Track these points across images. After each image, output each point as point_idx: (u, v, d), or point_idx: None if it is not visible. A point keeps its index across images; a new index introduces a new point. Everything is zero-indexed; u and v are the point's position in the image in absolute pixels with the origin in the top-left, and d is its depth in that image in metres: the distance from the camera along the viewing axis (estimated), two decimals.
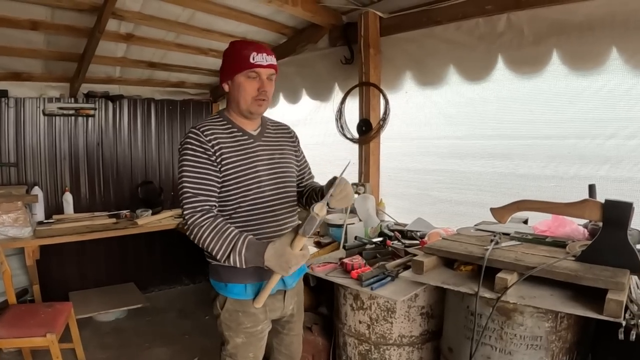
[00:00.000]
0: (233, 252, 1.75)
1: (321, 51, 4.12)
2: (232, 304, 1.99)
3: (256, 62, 1.89)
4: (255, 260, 1.75)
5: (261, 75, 1.93)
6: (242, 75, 1.91)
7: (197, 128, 1.90)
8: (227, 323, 2.01)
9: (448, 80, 3.22)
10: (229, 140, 1.93)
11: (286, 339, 2.26)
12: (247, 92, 1.92)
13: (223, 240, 1.77)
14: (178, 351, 3.85)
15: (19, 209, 3.82)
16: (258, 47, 1.93)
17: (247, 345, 2.03)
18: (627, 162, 2.51)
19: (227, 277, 1.97)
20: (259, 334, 2.05)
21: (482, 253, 2.00)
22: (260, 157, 1.99)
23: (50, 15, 3.39)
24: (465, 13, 3.01)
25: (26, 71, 4.27)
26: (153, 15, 3.59)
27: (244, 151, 1.95)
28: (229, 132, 1.96)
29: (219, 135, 1.91)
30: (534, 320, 1.91)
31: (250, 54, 1.89)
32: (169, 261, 5.44)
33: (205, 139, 1.86)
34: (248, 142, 1.99)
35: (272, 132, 2.13)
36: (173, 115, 5.48)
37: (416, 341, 2.53)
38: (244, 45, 1.96)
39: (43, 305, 3.33)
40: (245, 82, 1.92)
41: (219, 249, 1.77)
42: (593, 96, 2.60)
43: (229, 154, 1.90)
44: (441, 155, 3.39)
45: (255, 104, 1.94)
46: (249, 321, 2.00)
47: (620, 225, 1.82)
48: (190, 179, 1.84)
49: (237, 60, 1.92)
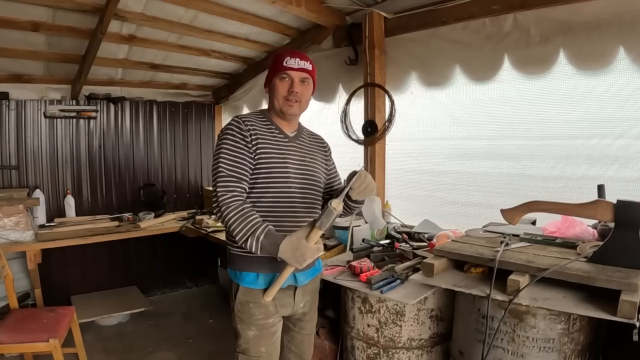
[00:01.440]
0: (252, 236, 1.83)
1: (325, 52, 4.10)
2: (244, 294, 2.05)
3: (288, 65, 2.04)
4: (271, 249, 1.83)
5: (292, 77, 2.06)
6: (277, 77, 2.07)
7: (239, 117, 2.05)
8: (240, 315, 2.07)
9: (454, 81, 3.20)
10: (267, 134, 2.06)
11: (297, 337, 2.29)
12: (279, 92, 2.07)
13: (245, 223, 1.85)
14: (183, 355, 3.82)
15: (21, 212, 3.80)
16: (292, 52, 2.09)
17: (259, 339, 2.06)
18: (635, 162, 2.50)
19: (241, 266, 2.05)
20: (270, 327, 2.08)
21: (492, 255, 1.98)
22: (292, 156, 2.10)
23: (52, 16, 3.37)
24: (472, 13, 3.00)
25: (27, 73, 4.26)
26: (155, 16, 3.57)
27: (278, 146, 2.07)
28: (267, 128, 2.09)
29: (257, 128, 2.04)
30: (547, 323, 1.89)
31: (284, 58, 2.05)
32: (172, 264, 5.43)
33: (245, 127, 1.99)
34: (283, 140, 2.11)
35: (307, 139, 2.26)
36: (175, 117, 5.46)
37: (425, 344, 2.50)
38: (284, 52, 2.10)
39: (45, 310, 3.31)
40: (278, 83, 2.07)
41: (240, 230, 1.85)
42: (601, 96, 2.58)
43: (264, 145, 2.01)
44: (447, 156, 3.38)
45: (286, 103, 2.06)
46: (260, 312, 2.04)
47: (632, 225, 1.80)
48: (227, 160, 1.94)
49: (273, 66, 2.10)
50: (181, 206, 5.42)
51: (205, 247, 5.12)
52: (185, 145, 5.58)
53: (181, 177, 5.56)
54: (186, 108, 5.53)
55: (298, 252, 1.80)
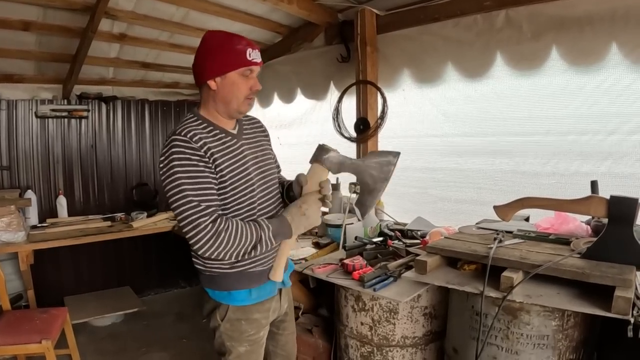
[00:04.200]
0: (263, 233, 1.77)
1: (317, 50, 4.08)
2: (235, 312, 1.89)
3: (253, 60, 1.78)
4: (282, 229, 1.82)
5: (254, 74, 1.84)
6: (237, 72, 1.78)
7: (182, 134, 1.72)
8: (229, 333, 1.91)
9: (446, 78, 3.19)
10: (216, 144, 1.79)
11: (281, 340, 2.20)
12: (241, 91, 1.80)
13: (248, 230, 1.75)
14: (176, 356, 3.81)
15: (12, 213, 3.76)
16: (250, 43, 1.81)
17: (250, 354, 1.96)
18: (629, 158, 2.50)
19: (229, 285, 1.88)
20: (261, 340, 2.00)
21: (486, 252, 1.98)
22: (248, 158, 1.88)
23: (42, 15, 3.34)
24: (464, 9, 2.99)
25: (18, 73, 4.22)
26: (146, 15, 3.54)
27: (232, 154, 1.83)
28: (213, 136, 1.81)
29: (206, 140, 1.75)
30: (541, 319, 1.88)
31: (245, 49, 1.77)
32: (165, 264, 5.40)
33: (196, 145, 1.71)
34: (232, 142, 1.86)
35: (249, 129, 2.02)
36: (167, 116, 5.43)
37: (419, 342, 2.49)
38: (235, 38, 1.80)
39: (38, 311, 3.29)
40: (239, 80, 1.79)
41: (250, 239, 1.74)
42: (593, 92, 2.58)
43: (221, 158, 1.77)
44: (440, 153, 3.38)
45: (246, 103, 1.85)
46: (252, 328, 1.93)
47: (626, 221, 1.80)
48: (192, 187, 1.68)
49: (231, 56, 1.77)
50: None
51: None
52: None
53: None
54: (178, 107, 5.50)
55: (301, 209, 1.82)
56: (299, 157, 4.43)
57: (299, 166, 4.38)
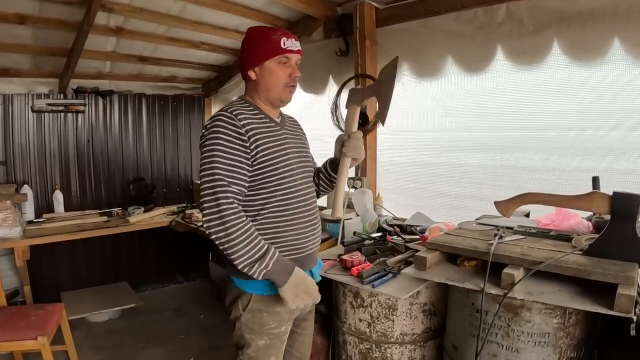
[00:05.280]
0: (263, 259, 1.72)
1: (316, 43, 4.05)
2: (257, 303, 1.87)
3: (288, 48, 1.85)
4: (276, 276, 1.76)
5: (292, 61, 1.89)
6: (274, 61, 1.86)
7: (229, 111, 1.80)
8: (250, 325, 1.89)
9: (446, 72, 3.16)
10: (261, 126, 1.85)
11: (299, 340, 2.16)
12: (280, 78, 1.87)
13: (254, 245, 1.72)
14: (174, 352, 3.79)
15: (8, 208, 3.73)
16: (286, 33, 1.88)
17: (270, 348, 1.93)
18: (631, 154, 2.48)
19: None
20: (282, 335, 1.96)
21: (487, 248, 1.96)
22: (289, 145, 1.92)
23: (38, 9, 3.31)
24: (464, 3, 2.96)
25: (14, 67, 4.20)
26: (143, 8, 3.51)
27: (275, 138, 1.88)
28: (259, 118, 1.87)
29: (251, 121, 1.82)
30: (542, 317, 1.86)
31: (280, 39, 1.83)
32: (163, 259, 5.39)
33: (239, 123, 1.77)
34: (276, 129, 1.92)
35: (291, 125, 2.10)
36: (165, 110, 5.40)
37: (419, 339, 2.47)
38: (272, 30, 1.89)
39: (34, 307, 3.26)
40: (277, 68, 1.87)
41: (246, 252, 1.71)
42: (595, 87, 2.56)
43: (263, 140, 1.82)
44: (440, 148, 3.35)
45: (287, 91, 1.91)
46: (274, 321, 1.90)
47: (629, 218, 1.78)
48: (225, 165, 1.72)
49: (267, 46, 1.85)
50: (171, 201, 5.34)
51: (196, 241, 5.07)
52: (175, 139, 5.51)
53: (171, 171, 5.51)
54: (176, 101, 5.47)
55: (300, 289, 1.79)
56: None
57: None
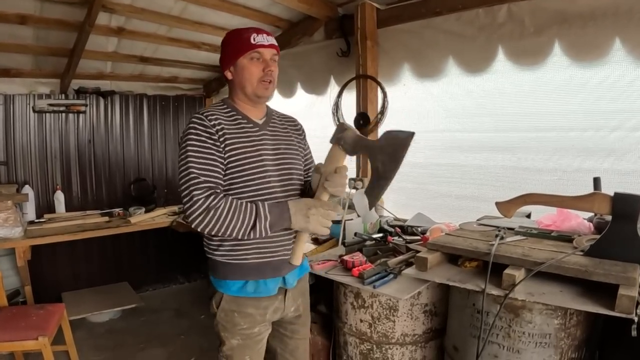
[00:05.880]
0: (258, 219, 1.72)
1: (317, 44, 4.05)
2: (228, 302, 1.89)
3: (258, 43, 1.84)
4: (281, 221, 1.75)
5: (264, 56, 1.87)
6: (245, 57, 1.86)
7: (200, 113, 1.83)
8: (223, 323, 1.92)
9: (447, 72, 3.17)
10: (233, 127, 1.86)
11: (291, 344, 2.12)
12: (253, 74, 1.86)
13: (243, 213, 1.72)
14: (174, 352, 3.79)
15: (9, 208, 3.73)
16: (257, 29, 1.88)
17: (244, 348, 1.93)
18: (631, 155, 2.48)
19: (225, 273, 1.89)
20: (255, 336, 1.95)
21: (488, 248, 1.96)
22: (265, 147, 1.90)
23: (39, 9, 3.31)
24: (465, 4, 2.96)
25: (15, 67, 4.20)
26: (144, 8, 3.50)
27: (249, 138, 1.87)
28: (233, 120, 1.88)
29: (222, 121, 1.83)
30: (543, 318, 1.86)
31: (250, 35, 1.84)
32: (163, 259, 5.38)
33: (209, 123, 1.79)
34: (253, 130, 1.91)
35: (278, 123, 2.06)
36: (166, 111, 5.40)
37: (419, 340, 2.47)
38: (243, 29, 1.90)
39: (35, 307, 3.26)
40: (249, 64, 1.86)
41: (241, 223, 1.71)
42: (596, 88, 2.56)
43: (233, 139, 1.82)
44: (441, 148, 3.35)
45: (262, 86, 1.88)
46: (245, 322, 1.91)
47: (629, 218, 1.79)
48: (197, 161, 1.75)
49: (237, 44, 1.87)
50: (172, 201, 5.31)
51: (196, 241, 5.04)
52: (177, 139, 5.49)
53: (172, 171, 5.48)
54: (177, 101, 5.47)
55: (310, 211, 1.74)
56: None
57: None
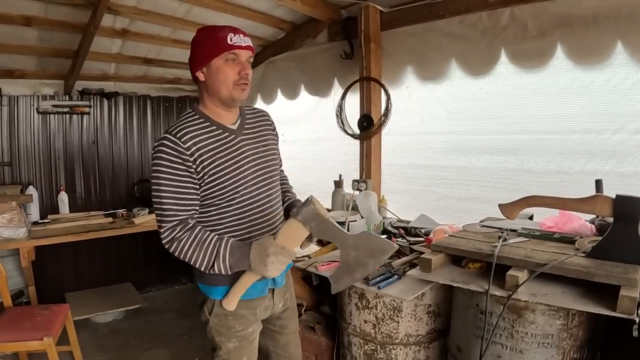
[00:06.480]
0: (217, 260, 1.69)
1: (320, 46, 4.07)
2: (221, 307, 1.85)
3: (235, 44, 1.73)
4: (240, 264, 1.69)
5: (240, 58, 1.77)
6: (220, 58, 1.73)
7: (172, 134, 1.71)
8: (217, 328, 1.90)
9: (450, 75, 3.18)
10: (209, 141, 1.76)
11: (281, 339, 2.13)
12: (228, 76, 1.74)
13: (204, 251, 1.69)
14: (177, 352, 3.81)
15: (14, 209, 3.75)
16: (234, 29, 1.76)
17: (240, 350, 1.94)
18: (633, 157, 2.49)
19: (213, 280, 1.85)
20: (250, 336, 1.96)
21: (491, 250, 1.98)
22: (245, 155, 1.83)
23: (44, 10, 3.33)
24: (469, 7, 2.98)
25: (19, 68, 4.20)
26: (149, 10, 3.53)
27: (227, 151, 1.78)
28: (208, 132, 1.77)
29: (198, 139, 1.73)
30: (546, 318, 1.88)
31: (226, 35, 1.72)
32: (167, 260, 5.30)
33: (183, 146, 1.69)
34: (229, 139, 1.81)
35: (252, 122, 1.96)
36: (169, 112, 5.41)
37: (423, 340, 2.49)
38: (217, 27, 1.77)
39: (39, 308, 3.28)
40: (225, 66, 1.74)
41: (201, 260, 1.70)
42: (599, 90, 2.57)
43: (211, 158, 1.74)
44: (444, 150, 3.36)
45: (238, 88, 1.77)
46: (240, 324, 1.90)
47: (631, 220, 1.82)
48: (168, 190, 1.69)
49: (212, 43, 1.73)
50: None
51: None
52: None
53: None
54: (180, 103, 5.49)
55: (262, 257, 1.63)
56: (301, 153, 4.45)
57: (301, 162, 4.38)
